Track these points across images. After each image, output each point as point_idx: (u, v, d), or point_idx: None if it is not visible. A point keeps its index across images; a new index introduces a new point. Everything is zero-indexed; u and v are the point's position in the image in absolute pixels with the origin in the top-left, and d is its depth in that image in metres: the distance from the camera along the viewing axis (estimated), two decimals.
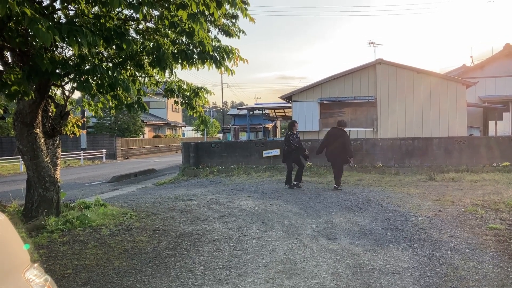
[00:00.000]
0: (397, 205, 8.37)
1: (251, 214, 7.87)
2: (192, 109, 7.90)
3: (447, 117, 18.06)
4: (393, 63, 18.98)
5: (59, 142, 8.03)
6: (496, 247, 5.35)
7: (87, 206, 8.01)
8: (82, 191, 11.92)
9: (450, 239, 5.76)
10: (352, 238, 6.01)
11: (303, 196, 9.76)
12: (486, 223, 6.57)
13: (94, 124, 38.50)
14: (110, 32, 4.95)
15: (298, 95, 19.63)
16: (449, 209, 7.76)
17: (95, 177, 18.37)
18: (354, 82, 19.07)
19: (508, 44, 22.74)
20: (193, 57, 6.08)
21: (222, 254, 5.38)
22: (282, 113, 32.42)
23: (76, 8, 5.42)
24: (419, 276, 4.44)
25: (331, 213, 7.80)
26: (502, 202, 8.08)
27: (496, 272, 4.46)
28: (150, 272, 4.77)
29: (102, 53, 6.72)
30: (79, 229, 6.63)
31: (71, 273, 4.77)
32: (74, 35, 4.19)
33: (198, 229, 6.76)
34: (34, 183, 6.99)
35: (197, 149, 16.63)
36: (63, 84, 7.23)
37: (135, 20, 6.40)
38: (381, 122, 18.72)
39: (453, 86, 18.24)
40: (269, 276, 4.54)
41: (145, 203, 9.43)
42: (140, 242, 6.02)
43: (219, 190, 11.24)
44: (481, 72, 22.77)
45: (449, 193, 9.64)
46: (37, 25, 3.87)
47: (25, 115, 6.74)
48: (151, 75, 7.64)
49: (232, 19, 7.60)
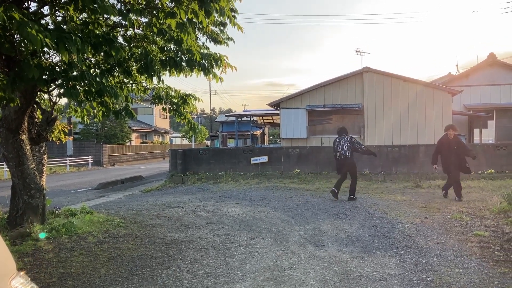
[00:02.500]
0: (384, 212, 8.43)
1: (239, 221, 7.85)
2: (180, 115, 7.89)
3: (433, 124, 18.26)
4: (380, 71, 19.16)
5: (45, 149, 7.95)
6: (481, 253, 5.41)
7: (73, 213, 7.93)
8: (68, 198, 11.80)
9: (436, 246, 5.82)
10: (339, 245, 6.04)
11: (291, 203, 9.78)
12: (472, 230, 6.65)
13: (80, 131, 38.14)
14: (99, 38, 4.93)
15: (286, 102, 19.70)
16: (435, 216, 7.84)
17: (82, 184, 18.19)
18: (342, 90, 19.21)
19: (492, 53, 23.19)
20: (181, 64, 6.08)
21: (209, 262, 5.36)
22: (270, 120, 32.52)
23: (64, 14, 5.39)
24: (406, 282, 4.47)
25: (319, 220, 7.82)
26: (487, 209, 8.19)
27: (481, 279, 4.51)
28: (137, 280, 4.73)
29: (90, 60, 6.68)
30: (65, 237, 6.55)
31: (56, 281, 4.71)
32: (63, 41, 4.17)
33: (185, 237, 6.73)
34: (19, 190, 6.89)
35: (184, 156, 16.58)
36: (50, 90, 7.17)
37: (123, 27, 6.39)
38: (368, 129, 18.87)
39: (439, 94, 18.48)
40: (256, 283, 4.53)
41: (132, 210, 9.36)
42: (127, 250, 5.97)
43: (206, 197, 11.20)
44: (466, 80, 23.13)
45: (435, 200, 9.74)
46: (26, 28, 3.84)
47: (11, 121, 6.66)
48: (139, 81, 7.62)
49: (220, 27, 7.63)
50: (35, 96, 6.87)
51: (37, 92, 6.90)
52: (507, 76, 22.68)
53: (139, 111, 50.14)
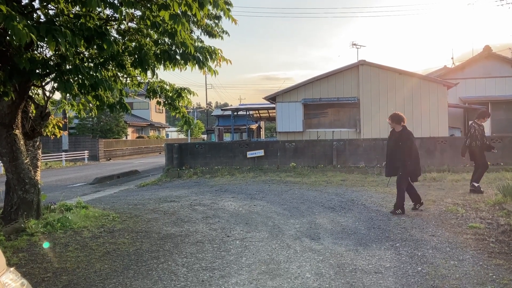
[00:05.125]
0: (380, 205, 8.45)
1: (235, 215, 7.85)
2: (175, 109, 7.86)
3: (428, 117, 18.29)
4: (376, 64, 19.16)
5: (39, 144, 7.90)
6: (476, 245, 5.43)
7: (68, 208, 7.90)
8: (63, 193, 11.76)
9: (431, 238, 5.83)
10: (335, 238, 6.04)
11: (287, 197, 9.78)
12: (467, 222, 6.67)
13: (76, 125, 38.01)
14: (91, 32, 4.88)
15: (282, 96, 19.67)
16: (430, 209, 7.86)
17: (77, 178, 18.13)
18: (337, 83, 19.20)
19: (488, 46, 23.15)
20: (175, 58, 6.04)
21: (205, 256, 5.36)
22: (266, 114, 32.52)
23: (56, 7, 5.34)
24: (401, 275, 4.48)
25: (315, 213, 7.83)
26: (482, 201, 8.21)
27: (476, 271, 4.52)
28: (132, 275, 4.72)
29: (84, 53, 6.63)
30: (60, 232, 6.52)
31: (51, 276, 4.69)
32: (52, 34, 4.12)
33: (181, 231, 6.72)
34: (13, 185, 6.86)
35: (180, 150, 16.54)
36: (44, 85, 7.12)
37: (116, 20, 6.33)
38: (364, 122, 18.88)
39: (435, 87, 18.50)
40: (252, 277, 4.53)
41: (128, 205, 9.34)
42: (122, 244, 5.95)
43: (203, 191, 11.19)
44: (461, 73, 23.13)
45: (431, 192, 9.76)
46: (13, 22, 3.78)
47: (4, 116, 6.61)
48: (133, 75, 7.57)
49: (215, 20, 7.58)
50: (28, 90, 6.82)
51: (31, 86, 6.85)
52: (503, 68, 22.68)
53: (135, 106, 50.04)
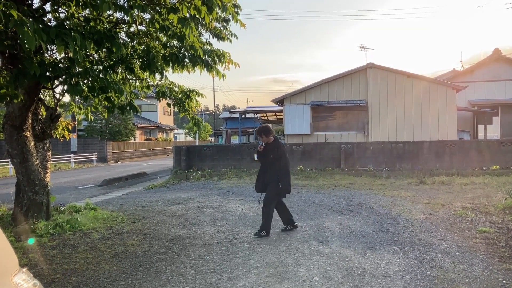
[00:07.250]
0: (388, 208, 8.41)
1: (242, 218, 7.85)
2: (185, 111, 7.89)
3: (437, 121, 18.19)
4: (384, 67, 19.08)
5: (49, 145, 7.97)
6: (485, 250, 5.38)
7: (77, 209, 7.95)
8: (72, 195, 11.84)
9: (440, 242, 5.79)
10: (343, 241, 6.02)
11: (295, 200, 9.76)
12: (476, 226, 6.62)
13: (85, 128, 38.26)
14: (100, 35, 4.92)
15: (290, 98, 19.66)
16: (439, 212, 7.81)
17: (86, 180, 18.24)
18: (346, 86, 19.15)
19: (497, 48, 22.99)
20: (184, 61, 6.06)
21: (213, 258, 5.36)
22: (274, 116, 32.49)
23: (66, 11, 5.38)
24: (410, 279, 4.45)
25: (323, 216, 7.81)
26: (492, 205, 8.15)
27: (486, 275, 4.49)
28: (140, 276, 4.73)
29: (93, 56, 6.68)
30: (69, 233, 6.57)
31: (60, 277, 4.72)
32: (62, 38, 4.16)
33: (189, 233, 6.74)
34: (23, 186, 6.92)
35: (188, 153, 16.59)
36: (54, 87, 7.18)
37: (126, 23, 6.38)
38: (372, 125, 18.80)
39: (443, 90, 18.39)
40: (260, 279, 4.53)
41: (136, 207, 9.38)
42: (131, 246, 5.98)
43: (210, 194, 11.20)
44: (471, 76, 22.98)
45: (439, 196, 9.70)
46: (23, 27, 3.82)
47: (15, 118, 6.68)
48: (142, 78, 7.61)
49: (223, 23, 7.60)
50: (38, 92, 6.88)
51: (41, 88, 6.91)
52: None
53: (143, 108, 50.19)
